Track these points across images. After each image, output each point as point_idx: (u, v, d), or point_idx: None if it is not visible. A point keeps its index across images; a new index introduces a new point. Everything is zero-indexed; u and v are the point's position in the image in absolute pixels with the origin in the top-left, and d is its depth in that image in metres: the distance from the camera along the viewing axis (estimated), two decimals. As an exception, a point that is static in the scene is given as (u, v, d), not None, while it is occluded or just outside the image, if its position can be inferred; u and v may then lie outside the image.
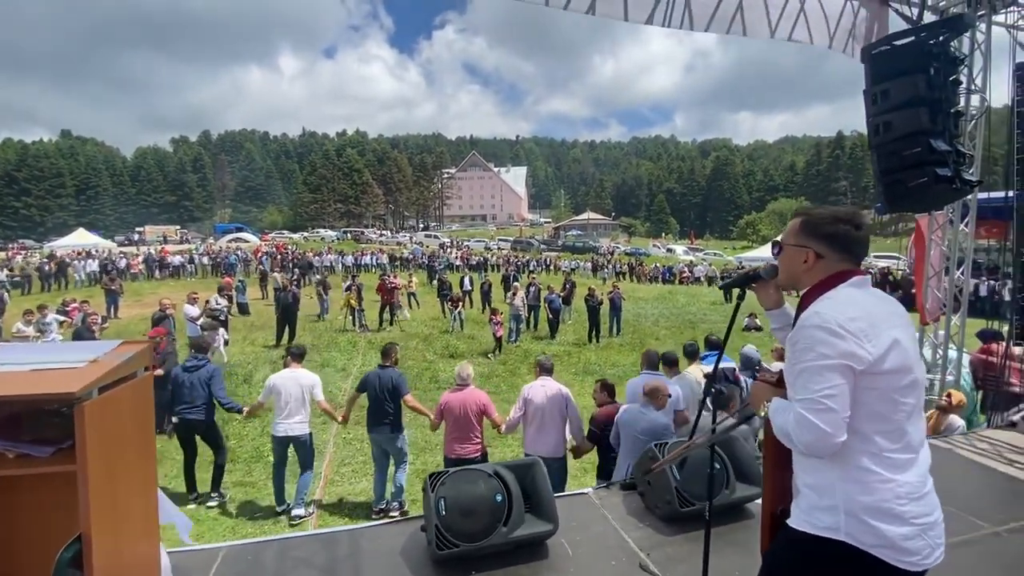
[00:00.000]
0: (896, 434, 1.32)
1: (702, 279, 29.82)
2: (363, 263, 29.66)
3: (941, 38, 4.48)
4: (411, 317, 16.08)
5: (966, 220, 5.86)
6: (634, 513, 3.27)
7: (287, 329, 12.21)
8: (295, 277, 18.32)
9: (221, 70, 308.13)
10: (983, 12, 5.33)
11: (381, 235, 53.86)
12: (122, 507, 1.95)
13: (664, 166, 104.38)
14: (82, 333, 8.12)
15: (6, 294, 13.56)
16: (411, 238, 48.29)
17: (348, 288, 14.52)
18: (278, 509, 4.88)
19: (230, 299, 14.37)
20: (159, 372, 6.69)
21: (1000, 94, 5.69)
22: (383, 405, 4.71)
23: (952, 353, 5.94)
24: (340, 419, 5.09)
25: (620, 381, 9.90)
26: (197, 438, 5.18)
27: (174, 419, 5.20)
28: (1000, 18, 5.46)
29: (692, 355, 5.44)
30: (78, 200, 70.40)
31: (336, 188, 73.84)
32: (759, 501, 3.31)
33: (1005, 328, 6.27)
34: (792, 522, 1.43)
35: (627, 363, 11.36)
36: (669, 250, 50.39)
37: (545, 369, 4.58)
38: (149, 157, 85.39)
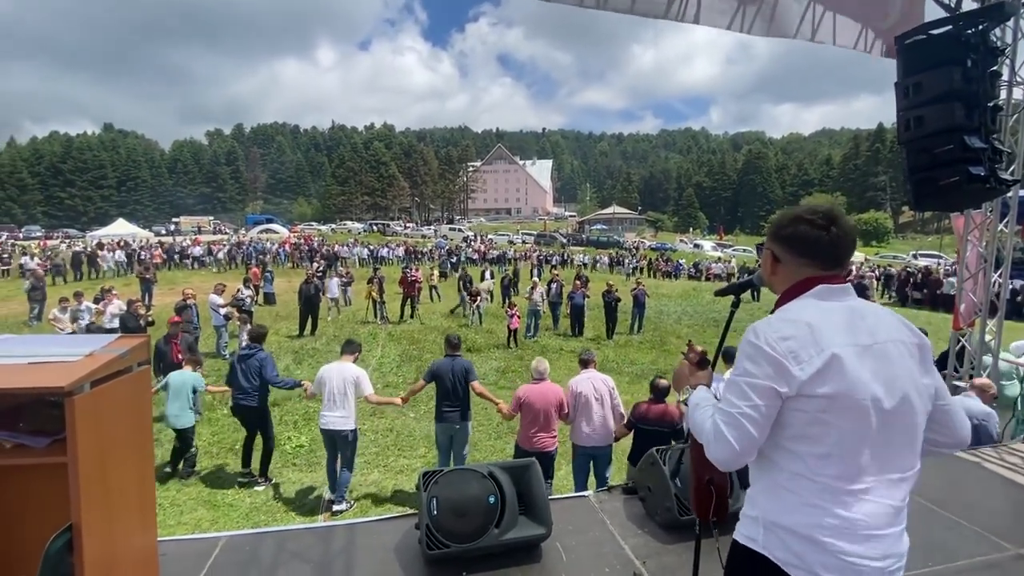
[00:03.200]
0: (833, 461, 1.16)
1: (723, 275, 29.32)
2: (380, 255, 29.99)
3: (980, 27, 4.20)
4: (432, 310, 16.21)
5: (1007, 220, 5.52)
6: (634, 519, 3.21)
7: (310, 320, 12.47)
8: (319, 269, 18.67)
9: (260, 63, 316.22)
10: (1031, -2, 4.98)
11: (406, 228, 54.46)
12: (116, 498, 2.00)
13: (694, 159, 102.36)
14: (127, 320, 8.47)
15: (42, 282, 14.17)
16: (435, 231, 48.64)
17: (370, 280, 14.73)
18: (326, 497, 5.01)
19: (256, 289, 14.78)
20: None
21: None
22: (456, 393, 4.87)
23: (987, 359, 5.64)
24: (399, 401, 5.26)
25: (638, 380, 9.85)
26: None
27: (230, 403, 5.56)
28: (1049, 5, 5.09)
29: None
30: (119, 191, 73.37)
31: (363, 181, 74.90)
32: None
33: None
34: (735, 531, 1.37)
35: (646, 361, 11.21)
36: (697, 245, 49.47)
37: (585, 363, 4.81)
38: (185, 150, 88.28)
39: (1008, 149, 4.76)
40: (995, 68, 4.31)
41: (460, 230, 51.45)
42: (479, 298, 14.92)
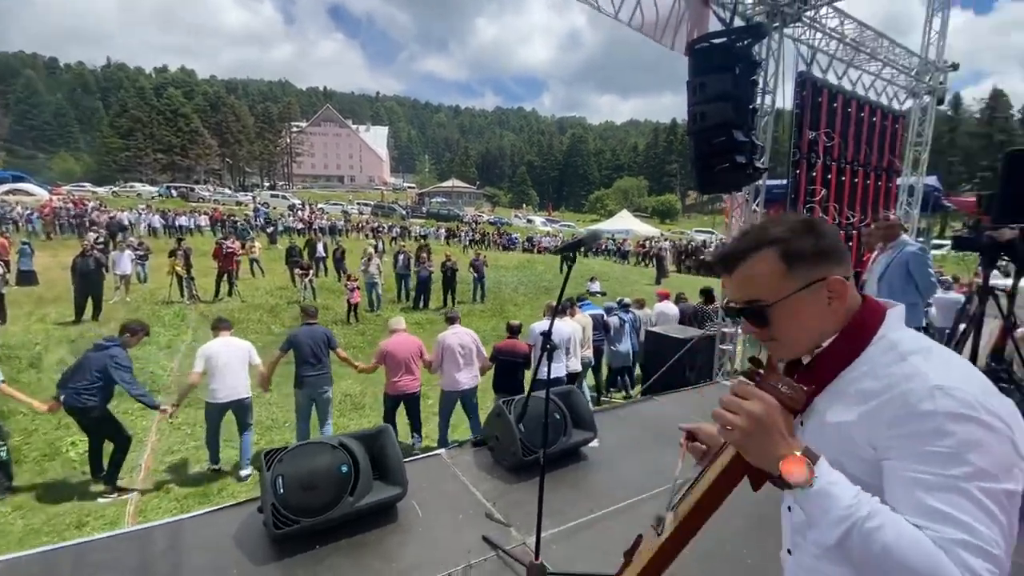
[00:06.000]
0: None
1: (552, 248, 31.97)
2: (179, 224, 25.55)
3: (745, 42, 5.20)
4: (255, 285, 14.61)
5: (757, 201, 7.04)
6: (483, 468, 3.45)
7: (90, 302, 10.21)
8: (100, 240, 15.27)
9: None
10: (777, 24, 6.31)
11: (217, 193, 47.23)
12: None
13: (526, 139, 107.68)
14: None
15: None
16: (255, 197, 43.15)
17: (173, 253, 12.59)
18: (214, 467, 4.97)
19: (6, 265, 11.49)
20: None
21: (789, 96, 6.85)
22: (318, 358, 4.98)
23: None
24: (265, 375, 5.06)
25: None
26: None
27: None
28: (789, 31, 6.52)
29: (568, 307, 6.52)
30: None
31: (155, 135, 62.38)
32: (593, 444, 3.74)
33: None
34: None
35: (487, 328, 11.74)
36: (529, 220, 52.70)
37: (451, 320, 5.43)
38: None
39: (761, 143, 6.06)
40: (754, 77, 5.40)
41: (285, 197, 46.47)
42: (311, 272, 13.90)
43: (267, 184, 68.26)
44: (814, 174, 7.19)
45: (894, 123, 8.18)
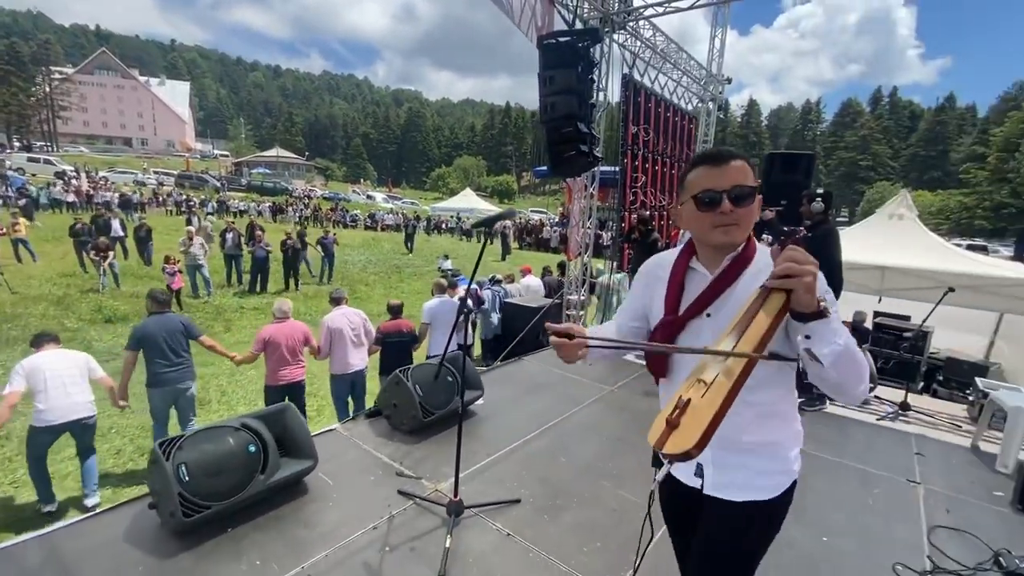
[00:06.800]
0: None
1: (394, 226, 31.34)
2: None
3: (585, 43, 5.93)
4: (27, 273, 11.75)
5: (593, 185, 8.09)
6: (382, 435, 3.64)
7: None
8: None
9: None
10: (608, 29, 7.26)
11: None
12: None
13: (360, 109, 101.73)
14: None
15: None
16: (3, 161, 33.45)
17: None
18: (45, 509, 4.04)
19: None
20: None
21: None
22: (176, 352, 4.36)
23: (604, 278, 8.43)
24: (119, 391, 4.27)
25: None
26: None
27: None
28: (617, 37, 7.55)
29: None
30: None
31: None
32: (480, 401, 4.17)
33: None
34: (765, 494, 1.33)
35: (339, 310, 11.33)
36: (369, 197, 50.44)
37: (336, 300, 5.21)
38: None
39: (597, 135, 6.98)
40: (592, 75, 6.21)
41: (49, 162, 36.92)
42: (111, 254, 11.66)
43: (18, 144, 53.15)
44: (636, 163, 8.52)
45: (689, 123, 10.04)
